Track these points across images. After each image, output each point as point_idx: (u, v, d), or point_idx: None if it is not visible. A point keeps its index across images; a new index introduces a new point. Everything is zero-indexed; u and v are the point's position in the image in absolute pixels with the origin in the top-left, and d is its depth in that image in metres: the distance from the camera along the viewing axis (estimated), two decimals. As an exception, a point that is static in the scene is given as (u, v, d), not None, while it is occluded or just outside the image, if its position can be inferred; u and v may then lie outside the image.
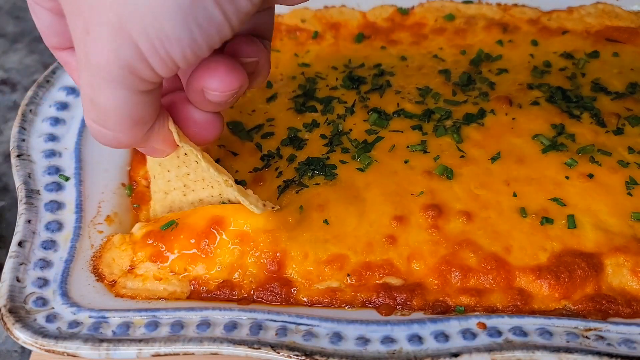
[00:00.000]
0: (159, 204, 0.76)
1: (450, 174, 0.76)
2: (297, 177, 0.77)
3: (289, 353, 0.61)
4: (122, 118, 0.57)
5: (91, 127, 0.58)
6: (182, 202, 0.74)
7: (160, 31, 0.50)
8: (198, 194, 0.73)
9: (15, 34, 1.23)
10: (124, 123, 0.57)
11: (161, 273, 0.71)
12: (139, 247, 0.72)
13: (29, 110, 0.83)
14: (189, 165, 0.70)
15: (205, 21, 0.50)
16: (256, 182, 0.78)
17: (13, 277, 0.68)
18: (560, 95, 0.85)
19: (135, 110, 0.57)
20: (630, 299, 0.68)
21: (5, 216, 0.95)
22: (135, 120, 0.58)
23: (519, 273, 0.69)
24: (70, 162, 0.80)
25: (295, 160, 0.79)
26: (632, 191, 0.74)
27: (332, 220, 0.72)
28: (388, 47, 0.96)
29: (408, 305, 0.68)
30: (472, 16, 0.99)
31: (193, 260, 0.71)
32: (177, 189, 0.73)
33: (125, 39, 0.50)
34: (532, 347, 0.61)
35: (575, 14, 0.99)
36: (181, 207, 0.75)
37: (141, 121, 0.59)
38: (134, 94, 0.55)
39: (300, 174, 0.77)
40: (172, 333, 0.64)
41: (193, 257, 0.71)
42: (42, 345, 0.63)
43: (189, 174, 0.71)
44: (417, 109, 0.84)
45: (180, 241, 0.71)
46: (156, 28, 0.49)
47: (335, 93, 0.89)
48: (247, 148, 0.82)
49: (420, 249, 0.70)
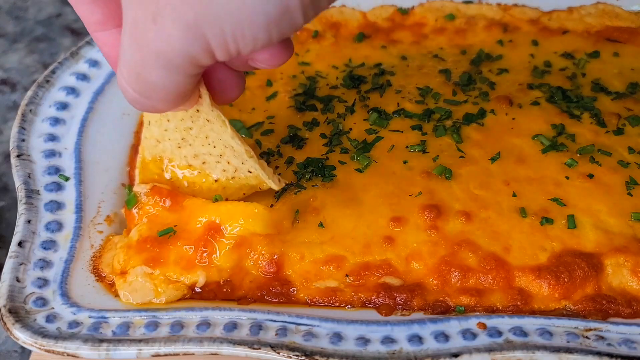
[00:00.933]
0: (148, 151, 0.74)
1: (449, 174, 0.76)
2: (295, 181, 0.76)
3: (289, 353, 0.61)
4: (168, 94, 0.58)
5: (129, 93, 0.59)
6: (173, 153, 0.73)
7: (239, 33, 0.50)
8: (195, 148, 0.72)
9: (15, 34, 1.23)
10: (169, 98, 0.58)
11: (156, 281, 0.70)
12: (135, 252, 0.71)
13: (29, 110, 0.83)
14: (195, 121, 0.69)
15: (287, 26, 0.51)
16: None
17: (13, 277, 0.68)
18: (561, 95, 0.85)
19: (183, 89, 0.58)
20: (630, 299, 0.68)
21: (5, 216, 0.95)
22: (181, 96, 0.59)
23: (518, 273, 0.69)
24: (70, 162, 0.80)
25: (293, 162, 0.79)
26: (632, 191, 0.74)
27: (328, 223, 0.72)
28: (388, 47, 0.96)
29: (408, 305, 0.68)
30: (472, 16, 0.99)
31: (190, 267, 0.70)
32: (172, 139, 0.72)
33: (198, 36, 0.50)
34: (532, 347, 0.61)
35: (575, 14, 0.99)
36: (171, 157, 0.74)
37: (185, 96, 0.60)
38: (186, 77, 0.56)
39: (299, 177, 0.77)
40: (172, 333, 0.64)
41: (190, 264, 0.70)
42: (42, 346, 0.63)
43: (191, 128, 0.70)
44: (417, 108, 0.84)
45: (177, 249, 0.71)
46: (235, 31, 0.50)
47: (336, 92, 0.89)
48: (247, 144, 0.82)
49: (419, 249, 0.70)
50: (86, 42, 0.91)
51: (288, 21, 0.50)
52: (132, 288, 0.70)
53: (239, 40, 0.51)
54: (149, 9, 0.51)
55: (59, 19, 1.26)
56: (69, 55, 0.89)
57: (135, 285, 0.70)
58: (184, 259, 0.70)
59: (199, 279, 0.70)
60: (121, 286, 0.70)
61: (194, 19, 0.49)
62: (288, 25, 0.51)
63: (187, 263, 0.70)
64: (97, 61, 0.90)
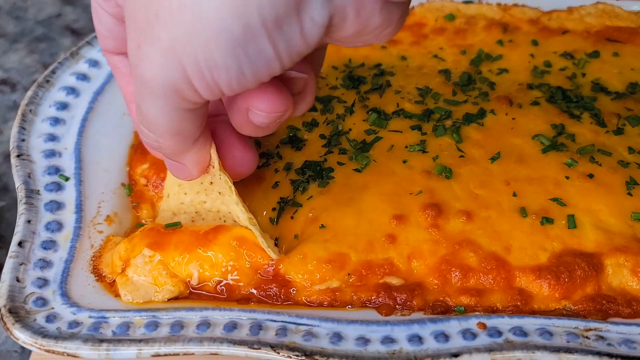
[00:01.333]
0: (163, 222, 0.75)
1: (449, 173, 0.75)
2: (291, 196, 0.76)
3: (289, 353, 0.61)
4: (163, 128, 0.58)
5: (138, 127, 0.60)
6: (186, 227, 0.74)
7: (209, 58, 0.50)
8: (207, 222, 0.72)
9: (15, 34, 1.23)
10: (165, 132, 0.59)
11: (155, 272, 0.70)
12: (139, 239, 0.71)
13: (29, 110, 0.83)
14: (209, 194, 0.70)
15: (255, 55, 0.50)
16: (257, 180, 0.77)
17: (13, 277, 0.68)
18: (561, 95, 0.85)
19: (177, 124, 0.58)
20: (630, 299, 0.68)
21: (5, 216, 0.95)
22: (176, 132, 0.59)
23: (519, 273, 0.69)
24: (70, 162, 0.80)
25: (291, 168, 0.78)
26: (632, 191, 0.74)
27: (329, 224, 0.72)
28: (388, 47, 0.96)
29: (408, 305, 0.68)
30: (472, 16, 0.99)
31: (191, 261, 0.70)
32: (188, 213, 0.73)
33: (174, 61, 0.50)
34: (532, 347, 0.61)
35: (575, 14, 0.99)
36: None
37: (182, 134, 0.60)
38: (175, 110, 0.56)
39: (295, 187, 0.77)
40: (172, 333, 0.64)
41: (191, 258, 0.70)
42: (42, 346, 0.63)
43: (205, 202, 0.71)
44: (417, 108, 0.84)
45: (179, 241, 0.71)
46: (205, 54, 0.50)
47: (335, 92, 0.89)
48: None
49: (420, 248, 0.70)
50: (86, 42, 0.91)
51: (256, 49, 0.50)
52: (133, 286, 0.70)
53: (212, 69, 0.50)
54: (136, 34, 0.51)
55: (59, 19, 1.26)
56: (69, 55, 0.89)
57: (137, 283, 0.70)
58: (182, 243, 0.70)
59: (194, 273, 0.70)
60: (122, 284, 0.70)
61: (169, 40, 0.50)
62: (257, 55, 0.50)
63: (185, 248, 0.70)
64: (97, 61, 0.90)
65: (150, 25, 0.50)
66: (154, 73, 0.52)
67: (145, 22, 0.50)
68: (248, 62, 0.51)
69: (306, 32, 0.51)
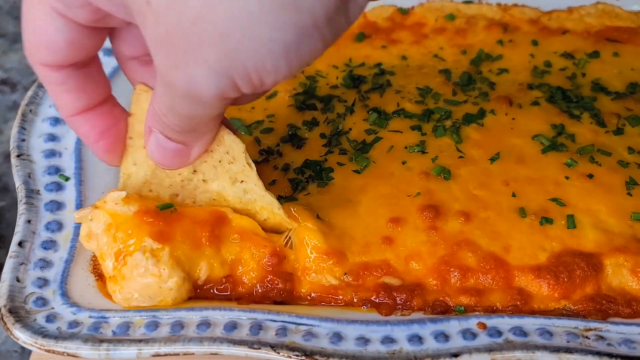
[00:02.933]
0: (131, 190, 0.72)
1: (448, 174, 0.75)
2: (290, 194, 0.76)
3: (289, 353, 0.61)
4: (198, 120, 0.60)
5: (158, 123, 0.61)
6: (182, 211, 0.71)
7: (260, 67, 0.51)
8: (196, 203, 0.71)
9: (15, 34, 1.23)
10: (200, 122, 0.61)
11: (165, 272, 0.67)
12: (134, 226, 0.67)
13: (29, 110, 0.83)
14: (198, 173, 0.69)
15: (306, 52, 0.51)
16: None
17: (13, 277, 0.68)
18: (560, 95, 0.85)
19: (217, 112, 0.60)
20: (630, 299, 0.68)
21: (5, 216, 0.95)
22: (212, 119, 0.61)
23: (518, 273, 0.69)
24: (70, 162, 0.80)
25: (290, 169, 0.78)
26: (632, 191, 0.74)
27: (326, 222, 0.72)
28: (388, 47, 0.96)
29: (408, 305, 0.68)
30: (472, 16, 0.99)
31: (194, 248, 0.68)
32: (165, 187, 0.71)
33: (224, 76, 0.51)
34: (532, 347, 0.61)
35: (575, 14, 0.99)
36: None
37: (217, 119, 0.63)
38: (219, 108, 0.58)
39: (294, 187, 0.76)
40: (172, 333, 0.64)
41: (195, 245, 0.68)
42: (42, 345, 0.63)
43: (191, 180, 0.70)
44: (417, 108, 0.84)
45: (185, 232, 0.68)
46: (256, 64, 0.50)
47: (336, 92, 0.89)
48: (245, 141, 0.81)
49: (418, 249, 0.70)
50: (86, 42, 0.91)
51: (307, 46, 0.50)
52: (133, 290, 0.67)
53: (261, 72, 0.51)
54: (170, 58, 0.52)
55: (59, 18, 1.26)
56: (69, 55, 0.89)
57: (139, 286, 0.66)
58: (190, 235, 0.68)
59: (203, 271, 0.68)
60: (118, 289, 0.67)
61: (217, 63, 0.50)
62: (307, 51, 0.51)
63: (193, 241, 0.68)
64: (97, 61, 0.90)
65: (193, 49, 0.50)
66: (204, 89, 0.53)
67: (186, 46, 0.50)
68: (298, 60, 0.51)
69: (351, 16, 0.52)
